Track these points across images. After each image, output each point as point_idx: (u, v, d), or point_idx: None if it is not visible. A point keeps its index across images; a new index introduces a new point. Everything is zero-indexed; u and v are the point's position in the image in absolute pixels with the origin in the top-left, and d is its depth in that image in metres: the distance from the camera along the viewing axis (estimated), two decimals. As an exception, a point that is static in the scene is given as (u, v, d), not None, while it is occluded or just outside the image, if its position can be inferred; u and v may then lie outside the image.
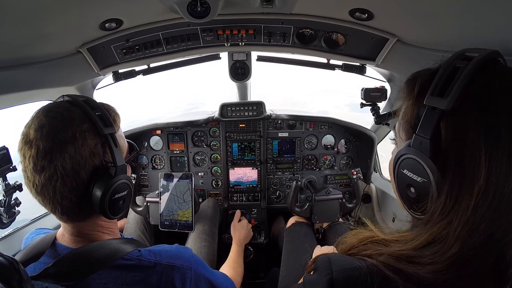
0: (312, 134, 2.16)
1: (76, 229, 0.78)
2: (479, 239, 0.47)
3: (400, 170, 0.58)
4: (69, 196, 0.70)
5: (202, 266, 0.86)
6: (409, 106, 0.61)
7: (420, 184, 0.54)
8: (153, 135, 2.15)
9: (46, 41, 1.12)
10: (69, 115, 0.72)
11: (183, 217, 1.61)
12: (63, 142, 0.68)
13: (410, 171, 0.56)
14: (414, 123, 0.58)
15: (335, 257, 0.61)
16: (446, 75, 0.53)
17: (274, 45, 1.54)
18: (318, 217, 1.70)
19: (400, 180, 0.59)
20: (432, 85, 0.54)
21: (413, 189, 0.56)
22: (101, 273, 0.70)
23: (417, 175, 0.54)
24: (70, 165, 0.68)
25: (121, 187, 0.79)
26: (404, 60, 1.36)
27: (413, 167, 0.55)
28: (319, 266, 0.60)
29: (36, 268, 0.72)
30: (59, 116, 0.71)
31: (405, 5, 0.99)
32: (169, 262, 0.77)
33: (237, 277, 1.37)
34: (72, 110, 0.74)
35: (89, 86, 1.74)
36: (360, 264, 0.55)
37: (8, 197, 1.24)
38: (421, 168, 0.53)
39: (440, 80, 0.53)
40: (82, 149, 0.70)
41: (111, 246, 0.75)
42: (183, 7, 1.14)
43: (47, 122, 0.69)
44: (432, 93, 0.53)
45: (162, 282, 0.74)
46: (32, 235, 0.90)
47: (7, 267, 0.55)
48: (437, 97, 0.52)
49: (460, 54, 0.55)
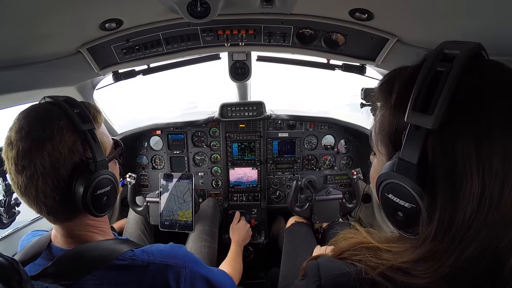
0: (312, 134, 2.16)
1: (66, 230, 0.78)
2: (473, 252, 0.44)
3: (384, 194, 0.52)
4: (51, 194, 0.70)
5: (197, 263, 0.85)
6: (386, 117, 0.54)
7: (408, 209, 0.49)
8: (153, 135, 2.15)
9: (46, 41, 1.12)
10: (47, 114, 0.73)
11: (183, 217, 1.61)
12: (41, 140, 0.69)
13: (397, 197, 0.50)
14: (394, 139, 0.52)
15: (324, 262, 0.60)
16: (427, 84, 0.46)
17: (274, 45, 1.54)
18: (318, 217, 1.70)
19: (386, 204, 0.53)
20: (413, 98, 0.47)
21: (401, 213, 0.51)
22: (95, 274, 0.70)
23: (405, 201, 0.49)
24: (49, 163, 0.69)
25: (104, 182, 0.78)
26: (404, 60, 1.34)
27: (400, 193, 0.49)
28: (308, 272, 0.59)
29: (32, 269, 0.72)
30: (37, 115, 0.72)
31: (405, 5, 0.99)
32: (163, 261, 0.76)
33: (236, 274, 1.38)
34: (50, 109, 0.75)
35: (89, 86, 1.74)
36: (349, 269, 0.54)
37: (8, 197, 1.24)
38: (409, 194, 0.48)
39: (420, 91, 0.46)
40: (60, 146, 0.70)
41: (105, 246, 0.75)
42: (183, 7, 1.14)
43: (26, 123, 0.70)
44: (413, 107, 0.46)
45: (156, 282, 0.74)
46: (28, 237, 0.90)
47: (6, 267, 0.55)
48: (419, 113, 0.45)
49: (438, 53, 0.48)
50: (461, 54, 0.46)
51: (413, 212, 0.48)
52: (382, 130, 0.55)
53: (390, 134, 0.53)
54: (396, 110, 0.52)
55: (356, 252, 0.57)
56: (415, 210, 0.48)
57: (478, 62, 0.47)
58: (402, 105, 0.49)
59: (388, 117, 0.53)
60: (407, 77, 0.52)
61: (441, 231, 0.45)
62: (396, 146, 0.51)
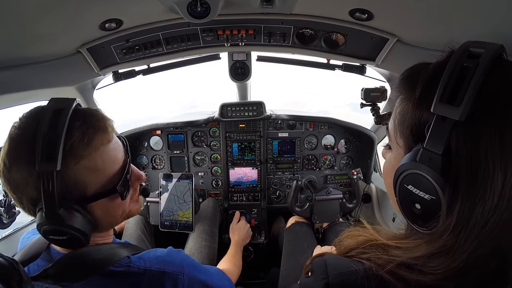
0: (312, 134, 2.16)
1: None
2: (485, 250, 0.45)
3: (403, 185, 0.52)
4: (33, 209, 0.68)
5: (195, 268, 0.83)
6: (409, 110, 0.54)
7: (427, 201, 0.49)
8: (153, 135, 2.15)
9: (46, 41, 1.12)
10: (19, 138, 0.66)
11: (183, 217, 1.61)
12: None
13: (417, 188, 0.50)
14: (417, 131, 0.53)
15: (331, 260, 0.59)
16: (454, 77, 0.47)
17: (274, 45, 1.54)
18: (318, 217, 1.70)
19: (404, 195, 0.53)
20: (440, 90, 0.47)
21: (419, 205, 0.51)
22: (91, 279, 0.68)
23: (425, 192, 0.49)
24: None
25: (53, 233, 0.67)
26: (404, 60, 1.36)
27: (420, 184, 0.49)
28: (315, 269, 0.59)
29: (32, 270, 0.72)
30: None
31: (405, 5, 0.99)
32: (159, 268, 0.74)
33: (235, 269, 1.37)
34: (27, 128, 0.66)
35: (89, 86, 1.74)
36: (357, 267, 0.54)
37: (8, 197, 1.24)
38: (430, 185, 0.48)
39: (448, 84, 0.47)
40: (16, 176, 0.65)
41: (102, 251, 0.74)
42: (183, 7, 1.14)
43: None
44: (440, 99, 0.47)
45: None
46: (29, 235, 0.90)
47: (7, 268, 0.55)
48: (447, 105, 0.46)
49: (464, 50, 0.49)
50: (487, 53, 0.46)
51: (432, 204, 0.48)
52: (403, 122, 0.55)
53: (412, 126, 0.53)
54: (421, 102, 0.52)
55: (365, 250, 0.57)
56: (434, 202, 0.48)
57: (501, 62, 0.48)
58: (427, 98, 0.50)
59: (411, 110, 0.54)
60: (432, 71, 0.53)
61: (460, 225, 0.46)
62: (418, 138, 0.52)
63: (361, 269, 0.53)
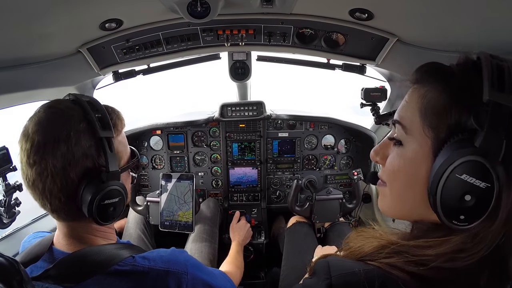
0: (312, 134, 2.16)
1: (69, 229, 0.78)
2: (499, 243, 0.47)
3: (455, 176, 0.49)
4: (58, 195, 0.70)
5: (199, 268, 0.84)
6: (443, 100, 0.54)
7: (482, 190, 0.47)
8: (153, 135, 2.15)
9: (46, 41, 1.12)
10: (68, 112, 0.72)
11: (184, 217, 1.61)
12: (57, 139, 0.68)
13: (473, 177, 0.48)
14: (455, 122, 0.52)
15: (334, 261, 0.59)
16: (496, 70, 0.49)
17: (274, 45, 1.54)
18: (318, 217, 1.70)
19: (452, 188, 0.49)
20: (488, 78, 0.48)
21: (471, 197, 0.48)
22: (95, 279, 0.69)
23: (481, 180, 0.47)
24: (61, 164, 0.68)
25: (113, 193, 0.76)
26: (404, 60, 1.36)
27: (477, 171, 0.47)
28: (318, 270, 0.59)
29: (33, 271, 0.72)
30: (59, 112, 0.72)
31: (405, 5, 0.99)
32: (163, 267, 0.75)
33: (238, 271, 1.38)
34: (72, 108, 0.74)
35: (89, 86, 1.74)
36: (359, 268, 0.54)
37: (8, 197, 1.24)
38: (488, 172, 0.47)
39: (493, 73, 0.49)
40: (75, 149, 0.69)
41: (106, 251, 0.74)
42: (183, 7, 1.14)
43: (45, 117, 0.70)
44: (492, 86, 0.48)
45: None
46: (30, 238, 0.90)
47: (7, 268, 0.55)
48: (498, 92, 0.47)
49: (488, 54, 0.52)
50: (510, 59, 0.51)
51: (487, 193, 0.47)
52: (433, 113, 0.55)
53: (449, 116, 0.52)
54: (463, 92, 0.52)
55: (385, 254, 0.56)
56: (489, 190, 0.47)
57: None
58: (467, 88, 0.51)
59: (447, 100, 0.53)
60: (464, 65, 0.55)
61: (504, 216, 0.47)
62: (456, 128, 0.51)
63: (364, 270, 0.53)
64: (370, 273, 0.52)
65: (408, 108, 0.59)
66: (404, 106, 0.61)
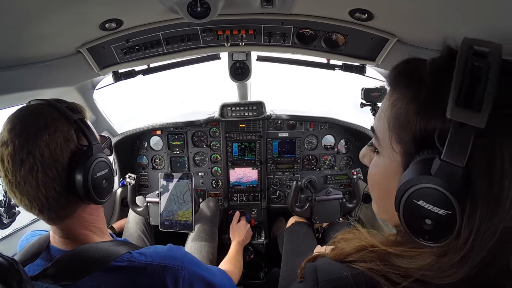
0: (312, 134, 2.16)
1: (63, 230, 0.78)
2: (483, 260, 0.44)
3: (412, 201, 0.46)
4: (52, 185, 0.71)
5: (196, 264, 0.85)
6: (411, 113, 0.48)
7: (442, 217, 0.44)
8: (153, 135, 2.16)
9: (46, 41, 1.12)
10: (38, 110, 0.75)
11: (183, 217, 1.61)
12: (37, 131, 0.70)
13: (430, 203, 0.44)
14: (421, 138, 0.47)
15: (321, 265, 0.58)
16: (468, 78, 0.42)
17: (274, 45, 1.54)
18: (319, 217, 1.70)
19: (412, 211, 0.47)
20: (454, 92, 0.42)
21: (430, 221, 0.45)
22: (93, 276, 0.70)
23: (440, 207, 0.44)
24: (48, 153, 0.70)
25: (101, 165, 0.80)
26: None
27: (435, 199, 0.44)
28: (306, 275, 0.58)
29: (31, 270, 0.72)
30: (29, 112, 0.74)
31: (405, 5, 0.99)
32: (160, 262, 0.76)
33: (236, 270, 1.38)
34: (39, 106, 0.77)
35: (89, 86, 1.74)
36: (347, 272, 0.53)
37: (8, 197, 1.24)
38: (447, 200, 0.43)
39: (462, 86, 0.42)
40: (56, 135, 0.72)
41: (103, 248, 0.75)
42: (183, 7, 1.14)
43: (18, 121, 0.72)
44: (456, 103, 0.41)
45: (154, 283, 0.73)
46: (27, 237, 0.91)
47: (6, 268, 0.55)
48: (465, 109, 0.40)
49: (469, 48, 0.43)
50: (494, 52, 0.42)
51: (447, 219, 0.44)
52: (402, 126, 0.50)
53: (415, 132, 0.48)
54: (427, 105, 0.46)
55: (363, 257, 0.54)
56: (450, 217, 0.43)
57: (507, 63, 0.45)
58: (435, 100, 0.45)
59: (413, 113, 0.48)
60: (436, 69, 0.49)
61: (475, 237, 0.43)
62: (422, 145, 0.47)
63: (351, 274, 0.52)
64: (357, 278, 0.52)
65: (380, 118, 0.56)
66: (378, 114, 0.57)
